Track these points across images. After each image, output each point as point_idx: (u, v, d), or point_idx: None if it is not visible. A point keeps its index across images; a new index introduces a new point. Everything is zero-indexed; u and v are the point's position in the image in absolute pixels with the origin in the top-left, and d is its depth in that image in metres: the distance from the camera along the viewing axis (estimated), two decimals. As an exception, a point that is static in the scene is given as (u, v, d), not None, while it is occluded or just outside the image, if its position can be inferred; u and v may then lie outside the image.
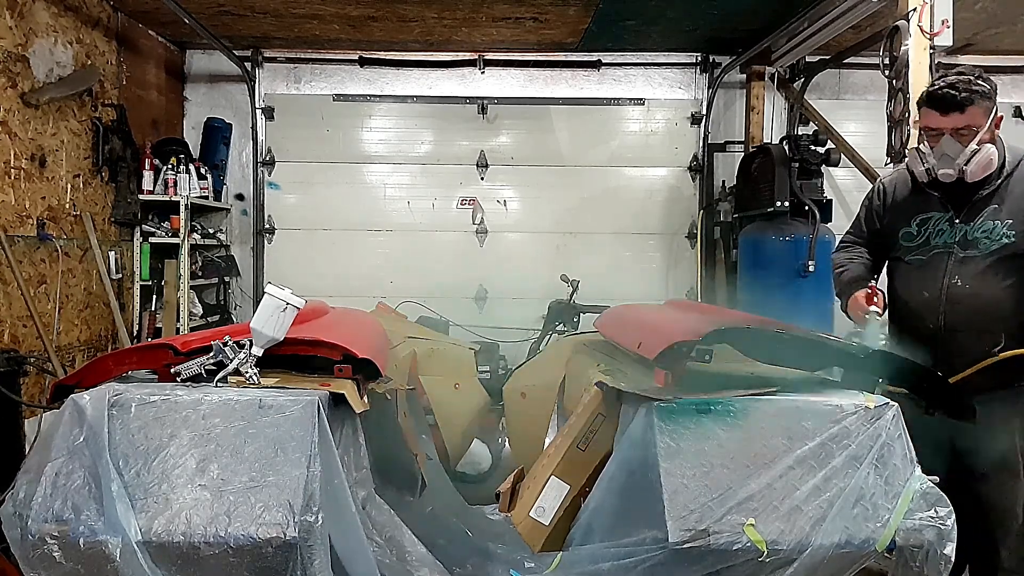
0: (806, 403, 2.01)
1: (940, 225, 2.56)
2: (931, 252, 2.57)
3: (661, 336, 2.19)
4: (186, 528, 1.78)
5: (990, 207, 2.49)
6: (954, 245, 2.51)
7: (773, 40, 5.58)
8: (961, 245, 2.51)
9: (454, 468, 3.70)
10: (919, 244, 2.59)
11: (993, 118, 2.46)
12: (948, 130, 2.45)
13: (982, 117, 2.43)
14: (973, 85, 2.43)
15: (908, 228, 2.63)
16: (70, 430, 1.89)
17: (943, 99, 2.44)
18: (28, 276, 4.36)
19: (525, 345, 5.97)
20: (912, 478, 1.91)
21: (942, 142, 2.46)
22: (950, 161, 2.44)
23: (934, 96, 2.47)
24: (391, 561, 2.13)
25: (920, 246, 2.59)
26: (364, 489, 2.22)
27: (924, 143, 2.56)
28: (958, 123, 2.43)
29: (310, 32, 5.89)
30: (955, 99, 2.42)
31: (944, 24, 3.67)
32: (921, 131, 2.59)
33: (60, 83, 4.68)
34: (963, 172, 2.44)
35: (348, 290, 6.09)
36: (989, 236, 2.47)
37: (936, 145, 2.48)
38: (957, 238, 2.51)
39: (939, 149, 2.47)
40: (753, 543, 1.80)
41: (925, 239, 2.58)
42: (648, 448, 1.93)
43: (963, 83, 2.43)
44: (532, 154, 6.52)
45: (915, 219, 2.61)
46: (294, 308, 2.16)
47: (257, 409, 1.94)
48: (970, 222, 2.50)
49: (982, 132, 2.43)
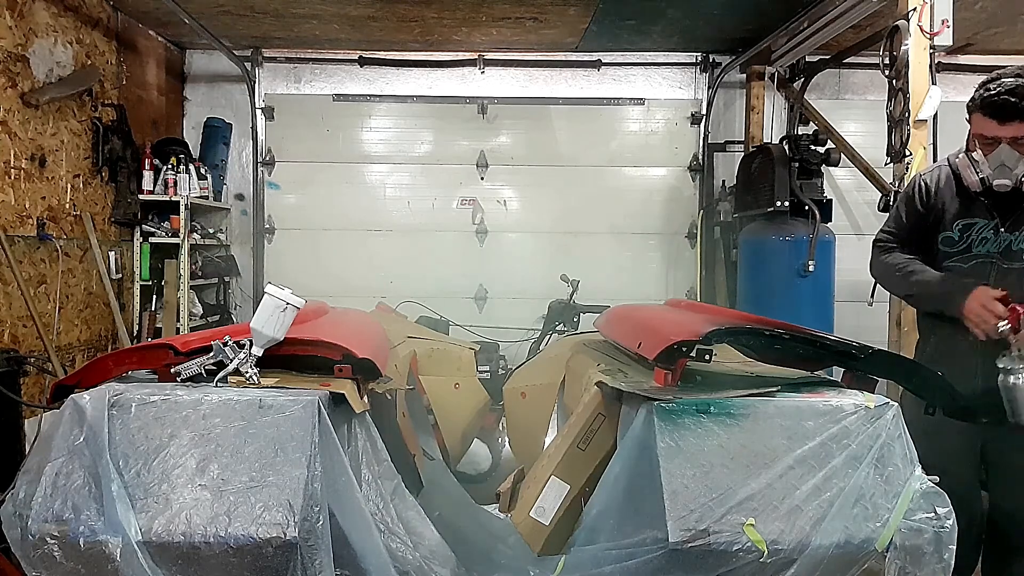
0: (806, 403, 2.01)
1: (984, 233, 2.44)
2: (972, 260, 2.46)
3: (661, 336, 2.19)
4: (186, 528, 1.78)
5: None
6: (997, 255, 2.42)
7: (773, 40, 5.58)
8: (1005, 255, 2.42)
9: (454, 468, 3.70)
10: (960, 251, 2.48)
11: None
12: (1007, 139, 2.33)
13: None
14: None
15: (949, 232, 2.50)
16: (70, 430, 1.89)
17: (1003, 107, 2.31)
18: (28, 276, 4.36)
19: (525, 345, 5.97)
20: (912, 478, 1.91)
21: (1000, 151, 2.34)
22: (1008, 172, 2.33)
23: (992, 104, 2.33)
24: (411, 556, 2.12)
25: (960, 252, 2.48)
26: (390, 480, 2.21)
27: (978, 151, 2.41)
28: (1018, 132, 2.31)
29: (310, 32, 5.89)
30: (1016, 107, 2.29)
31: (944, 24, 3.67)
32: (973, 137, 2.44)
33: (60, 83, 4.68)
34: (1021, 183, 2.33)
35: (348, 290, 6.10)
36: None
37: (991, 154, 2.36)
38: (1001, 248, 2.41)
39: (996, 158, 2.34)
40: (753, 543, 1.80)
41: (967, 246, 2.46)
42: (648, 448, 1.93)
43: (1022, 88, 2.30)
44: (532, 154, 6.52)
45: (957, 224, 2.48)
46: (294, 308, 2.16)
47: (257, 409, 1.94)
48: (1016, 231, 2.40)
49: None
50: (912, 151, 3.73)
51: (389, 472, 2.22)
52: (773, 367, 2.43)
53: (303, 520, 1.79)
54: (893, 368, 2.25)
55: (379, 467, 2.19)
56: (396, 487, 2.22)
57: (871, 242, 2.84)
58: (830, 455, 1.92)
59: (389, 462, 2.23)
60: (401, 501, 2.22)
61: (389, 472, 2.22)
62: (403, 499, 2.22)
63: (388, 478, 2.21)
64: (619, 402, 2.20)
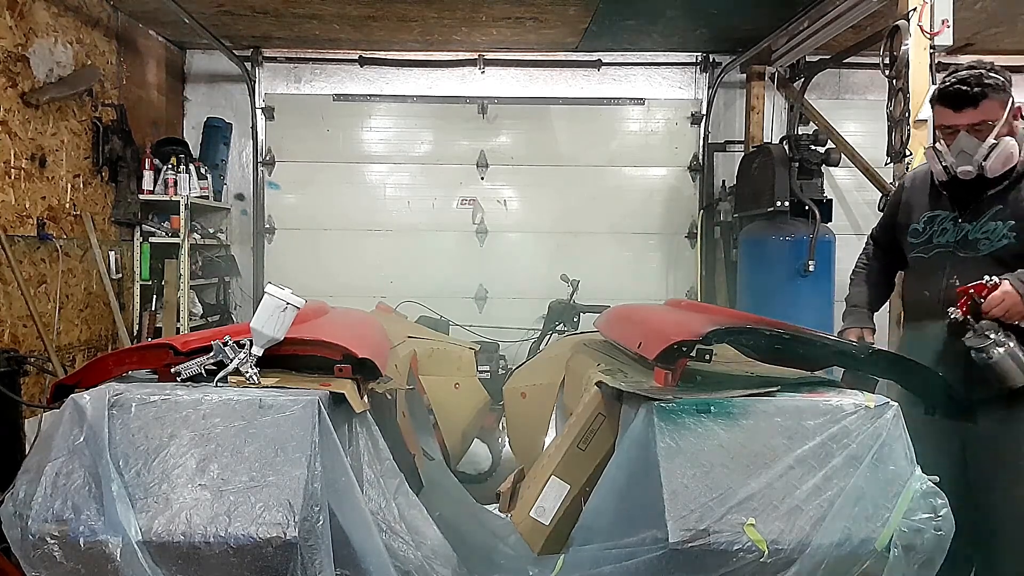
0: (806, 403, 2.01)
1: (944, 224, 2.51)
2: (933, 251, 2.54)
3: (661, 336, 2.19)
4: (186, 528, 1.78)
5: (995, 207, 2.42)
6: (954, 244, 2.48)
7: (773, 40, 5.58)
8: (960, 245, 2.47)
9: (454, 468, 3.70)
10: (923, 242, 2.56)
11: (1010, 110, 2.39)
12: (964, 127, 2.38)
13: (998, 110, 2.36)
14: (985, 79, 2.36)
15: (916, 225, 2.59)
16: (70, 430, 1.89)
17: (955, 95, 2.38)
18: (28, 276, 4.36)
19: (525, 345, 5.98)
20: (912, 478, 1.91)
21: (959, 139, 2.39)
22: (968, 158, 2.38)
23: (946, 93, 2.41)
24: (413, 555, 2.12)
25: (923, 244, 2.56)
26: (393, 480, 2.21)
27: (940, 141, 2.48)
28: (973, 119, 2.37)
29: (310, 32, 5.90)
30: (967, 94, 2.35)
31: (944, 24, 3.67)
32: (936, 130, 2.52)
33: (60, 83, 4.68)
34: (983, 168, 2.37)
35: (348, 290, 6.10)
36: (990, 237, 2.42)
37: (953, 142, 2.42)
38: (958, 237, 2.47)
39: (956, 146, 2.40)
40: (754, 543, 1.80)
41: (928, 237, 2.55)
42: (648, 448, 1.93)
43: (974, 78, 2.36)
44: (532, 154, 6.52)
45: (923, 216, 2.58)
46: (294, 308, 2.16)
47: (257, 409, 1.94)
48: (973, 222, 2.45)
49: (999, 126, 2.36)
50: (912, 151, 3.73)
51: (392, 471, 2.22)
52: (773, 367, 2.43)
53: (303, 520, 1.79)
54: (893, 368, 2.26)
55: (381, 466, 2.19)
56: (399, 486, 2.22)
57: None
58: (830, 455, 1.92)
59: (391, 461, 2.23)
60: (404, 500, 2.22)
61: (392, 471, 2.22)
62: (406, 498, 2.22)
63: (391, 477, 2.21)
64: (619, 402, 2.20)
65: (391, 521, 2.14)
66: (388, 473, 2.21)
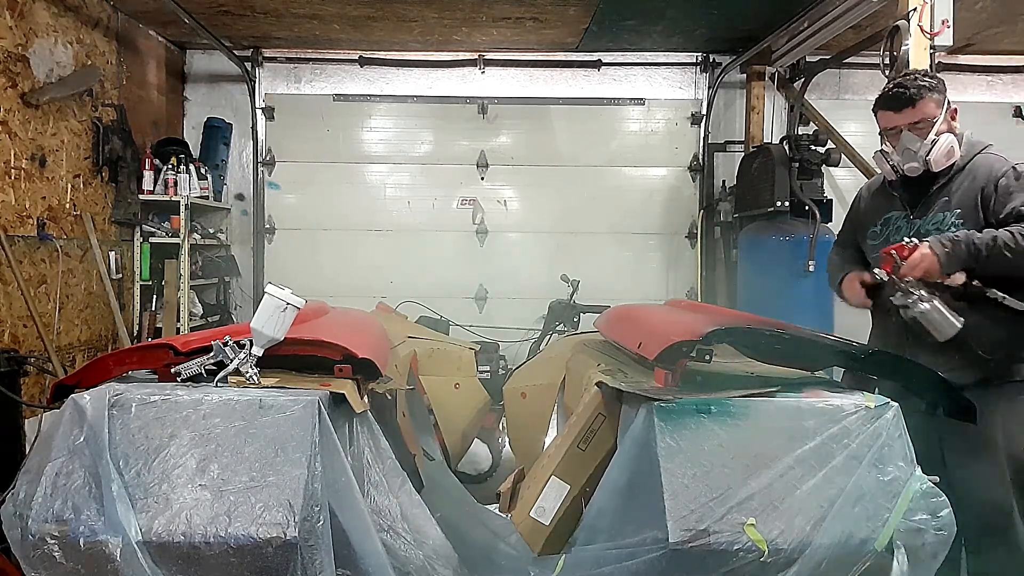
0: (806, 403, 2.01)
1: (898, 223, 2.66)
2: None
3: (661, 336, 2.19)
4: (186, 528, 1.78)
5: (941, 200, 2.56)
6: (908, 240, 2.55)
7: (773, 40, 5.58)
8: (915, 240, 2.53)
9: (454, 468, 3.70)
10: (880, 243, 2.67)
11: (947, 110, 2.55)
12: (905, 126, 2.55)
13: (935, 109, 2.53)
14: (920, 81, 2.55)
15: (874, 228, 2.74)
16: (70, 430, 1.89)
17: (894, 97, 2.57)
18: (28, 276, 4.36)
19: (525, 345, 5.97)
20: (912, 478, 1.91)
21: (902, 137, 2.56)
22: (912, 154, 2.53)
23: (885, 96, 2.60)
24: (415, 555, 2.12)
25: (881, 244, 2.64)
26: (397, 478, 2.22)
27: (886, 143, 2.66)
28: (913, 118, 2.54)
29: (310, 32, 5.89)
30: (905, 94, 2.54)
31: (944, 24, 3.67)
32: (881, 134, 2.68)
33: (60, 83, 4.68)
34: (928, 163, 2.52)
35: (348, 290, 6.11)
36: (939, 228, 2.52)
37: (897, 142, 2.57)
38: (911, 233, 2.57)
39: (900, 145, 2.57)
40: (754, 543, 1.80)
41: (885, 237, 2.67)
42: (648, 448, 1.93)
43: (910, 81, 2.56)
44: (532, 154, 6.52)
45: (879, 219, 2.72)
46: (294, 308, 2.16)
47: (257, 409, 1.94)
48: (923, 216, 2.58)
49: (937, 123, 2.52)
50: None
51: (395, 470, 2.22)
52: (773, 367, 2.43)
53: (303, 520, 1.79)
54: (893, 368, 2.26)
55: (384, 466, 2.19)
56: (401, 486, 2.22)
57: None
58: (830, 455, 1.92)
59: (394, 460, 2.24)
60: (407, 499, 2.22)
61: (395, 470, 2.22)
62: (409, 497, 2.22)
63: (394, 476, 2.21)
64: (619, 402, 2.20)
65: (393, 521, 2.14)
66: (391, 472, 2.21)
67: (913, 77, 2.59)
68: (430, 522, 2.25)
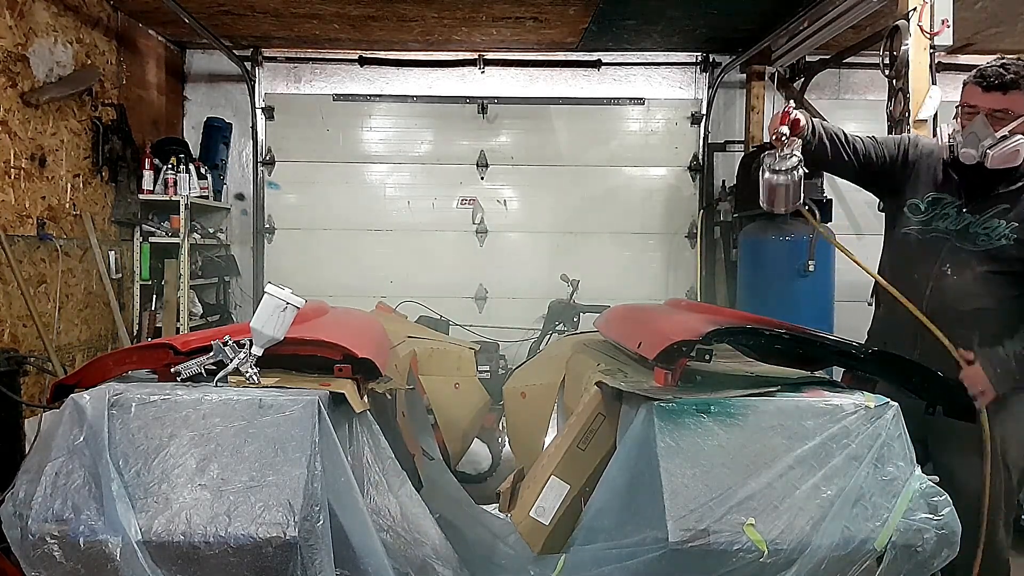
0: (806, 403, 2.01)
1: (947, 209, 2.50)
2: (929, 233, 2.53)
3: (661, 336, 2.19)
4: (186, 528, 1.78)
5: (1001, 205, 2.43)
6: (954, 232, 2.48)
7: (773, 40, 5.58)
8: (960, 235, 2.47)
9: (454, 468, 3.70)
10: (920, 221, 2.54)
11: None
12: (985, 110, 2.38)
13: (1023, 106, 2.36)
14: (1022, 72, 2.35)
15: (917, 201, 2.56)
16: (70, 430, 1.89)
17: (990, 75, 2.36)
18: (28, 276, 4.36)
19: (525, 345, 5.97)
20: (912, 478, 1.91)
21: (975, 121, 2.39)
22: (976, 141, 2.38)
23: (982, 71, 2.39)
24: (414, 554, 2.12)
25: (921, 223, 2.54)
26: (397, 477, 2.21)
27: (959, 119, 2.48)
28: (996, 104, 2.36)
29: (310, 32, 5.89)
30: (1002, 77, 2.34)
31: (944, 24, 3.67)
32: (958, 108, 2.50)
33: (60, 83, 4.68)
34: (985, 156, 2.37)
35: (348, 290, 6.11)
36: (990, 233, 2.43)
37: (969, 123, 2.41)
38: (959, 227, 2.47)
39: (970, 127, 2.39)
40: (753, 543, 1.80)
41: (928, 218, 2.53)
42: (648, 448, 1.93)
43: (1016, 66, 2.35)
44: (532, 154, 6.52)
45: (928, 196, 2.55)
46: (294, 308, 2.16)
47: (257, 409, 1.94)
48: (977, 215, 2.46)
49: (1018, 121, 2.35)
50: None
51: (395, 470, 2.22)
52: (773, 367, 2.43)
53: (303, 520, 1.79)
54: (893, 368, 2.25)
55: (384, 465, 2.19)
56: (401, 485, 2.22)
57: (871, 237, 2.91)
58: (830, 455, 1.91)
59: (394, 460, 2.24)
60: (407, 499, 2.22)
61: (395, 470, 2.22)
62: (409, 497, 2.22)
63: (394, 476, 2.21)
64: (619, 402, 2.20)
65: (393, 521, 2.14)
66: (391, 472, 2.21)
67: (1021, 64, 2.36)
68: (430, 522, 2.24)
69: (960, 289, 2.46)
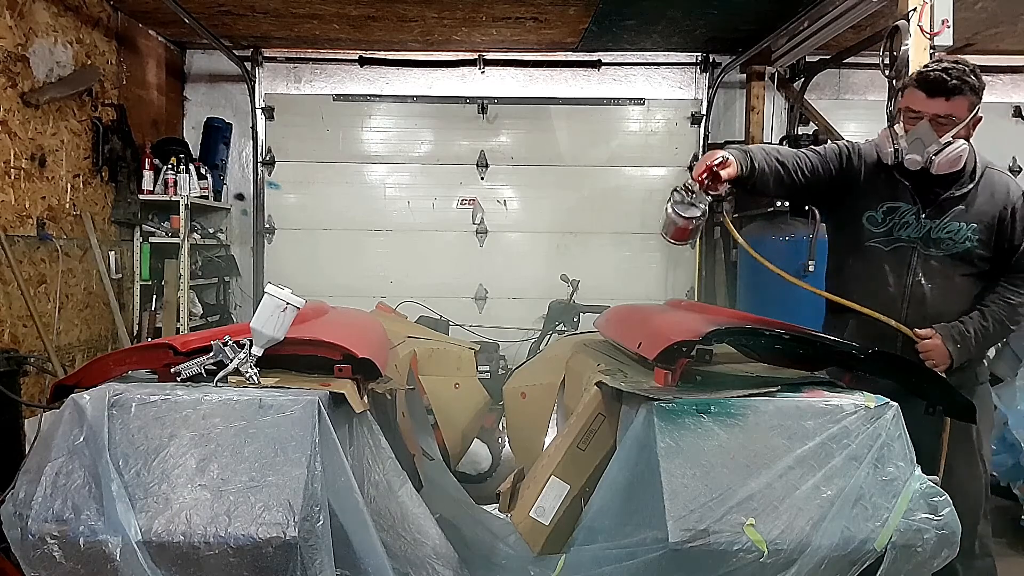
0: (806, 403, 2.01)
1: (907, 217, 2.49)
2: (894, 244, 2.52)
3: (661, 336, 2.19)
4: (186, 528, 1.78)
5: (958, 208, 2.45)
6: (918, 240, 2.49)
7: (773, 40, 5.58)
8: (924, 242, 2.49)
9: (454, 468, 3.70)
10: (882, 232, 2.53)
11: (973, 116, 2.40)
12: (929, 115, 2.38)
13: (965, 111, 2.38)
14: (966, 76, 2.35)
15: (873, 212, 2.54)
16: (70, 430, 1.89)
17: (933, 81, 2.36)
18: (28, 276, 4.36)
19: (525, 345, 5.98)
20: (912, 478, 1.91)
21: (918, 126, 2.39)
22: (921, 147, 2.38)
23: (925, 77, 2.38)
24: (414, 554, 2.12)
25: (883, 235, 2.53)
26: (397, 477, 2.21)
27: (900, 124, 2.46)
28: (940, 109, 2.36)
29: (310, 32, 5.89)
30: (945, 84, 2.34)
31: (944, 24, 3.67)
32: (899, 111, 2.50)
33: (60, 83, 4.68)
34: (930, 162, 2.38)
35: (348, 290, 6.11)
36: (953, 237, 2.45)
37: (912, 128, 2.41)
38: (921, 234, 2.48)
39: (913, 133, 2.39)
40: (753, 543, 1.80)
41: (889, 229, 2.52)
42: (648, 448, 1.93)
43: (957, 71, 2.35)
44: (532, 154, 6.52)
45: (882, 206, 2.53)
46: (294, 308, 2.16)
47: (257, 409, 1.93)
48: (935, 219, 2.47)
49: (960, 126, 2.37)
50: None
51: (395, 470, 2.22)
52: (773, 367, 2.43)
53: (303, 520, 1.79)
54: (893, 368, 2.25)
55: (384, 465, 2.19)
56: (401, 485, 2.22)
57: None
58: (830, 455, 1.91)
59: (394, 460, 2.24)
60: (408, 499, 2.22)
61: (395, 470, 2.22)
62: (409, 497, 2.22)
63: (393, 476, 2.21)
64: (619, 402, 2.20)
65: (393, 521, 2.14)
66: (391, 472, 2.21)
67: (962, 68, 2.35)
68: (430, 522, 2.24)
69: (937, 298, 2.48)
